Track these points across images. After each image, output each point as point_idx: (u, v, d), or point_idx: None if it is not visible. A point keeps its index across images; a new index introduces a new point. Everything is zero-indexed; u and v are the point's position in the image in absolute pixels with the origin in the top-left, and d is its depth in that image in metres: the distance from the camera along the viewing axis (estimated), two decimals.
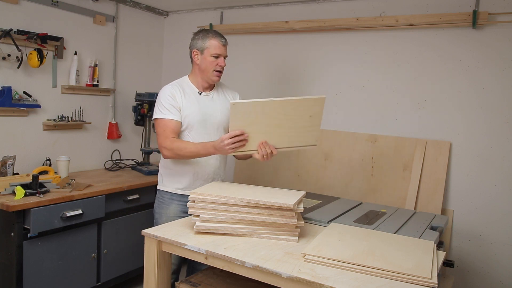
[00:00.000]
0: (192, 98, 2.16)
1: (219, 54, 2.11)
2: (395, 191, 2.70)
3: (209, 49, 2.11)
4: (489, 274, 2.54)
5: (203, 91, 2.20)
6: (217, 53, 2.10)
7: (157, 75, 3.84)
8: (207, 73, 2.14)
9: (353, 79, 2.95)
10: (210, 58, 2.11)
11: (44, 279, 2.34)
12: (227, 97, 2.28)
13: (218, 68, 2.12)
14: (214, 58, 2.11)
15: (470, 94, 2.57)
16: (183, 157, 2.06)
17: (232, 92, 2.33)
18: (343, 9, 2.94)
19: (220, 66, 2.13)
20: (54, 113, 2.96)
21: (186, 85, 2.19)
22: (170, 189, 2.21)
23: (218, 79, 2.17)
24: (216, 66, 2.12)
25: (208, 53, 2.11)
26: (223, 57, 2.13)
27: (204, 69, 2.14)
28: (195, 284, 1.69)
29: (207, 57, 2.11)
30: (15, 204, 2.16)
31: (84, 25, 3.13)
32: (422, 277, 1.29)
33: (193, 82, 2.20)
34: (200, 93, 2.19)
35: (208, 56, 2.11)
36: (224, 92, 2.29)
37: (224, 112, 2.21)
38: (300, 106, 1.86)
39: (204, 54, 2.12)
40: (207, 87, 2.22)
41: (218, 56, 2.11)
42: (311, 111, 1.86)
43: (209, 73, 2.13)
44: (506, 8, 2.43)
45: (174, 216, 2.17)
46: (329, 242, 1.55)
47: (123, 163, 3.38)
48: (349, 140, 2.92)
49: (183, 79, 2.23)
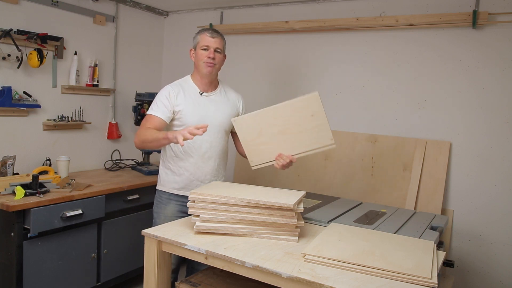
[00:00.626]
0: (192, 98, 2.16)
1: (208, 46, 2.12)
2: (395, 191, 2.70)
3: (199, 43, 2.14)
4: (489, 274, 2.54)
5: (204, 91, 2.20)
6: (205, 44, 2.12)
7: (157, 75, 3.84)
8: (199, 67, 2.15)
9: (353, 79, 2.94)
10: (200, 51, 2.13)
11: (44, 279, 2.34)
12: (229, 99, 2.27)
13: (206, 59, 2.11)
14: (203, 51, 2.13)
15: (470, 94, 2.57)
16: (147, 142, 2.03)
17: (236, 94, 2.32)
18: (343, 9, 2.94)
19: (208, 58, 2.11)
20: (54, 113, 2.96)
21: (187, 84, 2.19)
22: (167, 188, 2.22)
23: (209, 71, 2.14)
24: (205, 58, 2.12)
25: (199, 47, 2.14)
26: (212, 49, 2.12)
27: (197, 64, 2.16)
28: (195, 284, 1.69)
29: (198, 50, 2.14)
30: (15, 204, 2.16)
31: (84, 25, 3.13)
32: (422, 277, 1.29)
33: (195, 81, 2.21)
34: (201, 93, 2.19)
35: (199, 50, 2.14)
36: (227, 94, 2.28)
37: (225, 114, 2.21)
38: (295, 108, 1.86)
39: (196, 50, 2.16)
40: (208, 87, 2.21)
41: (207, 48, 2.12)
42: (310, 110, 1.85)
43: (200, 66, 2.14)
44: (506, 8, 2.43)
45: (172, 216, 2.17)
46: (329, 242, 1.55)
47: (123, 163, 3.38)
48: (349, 140, 2.92)
49: (185, 79, 2.24)
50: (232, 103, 2.27)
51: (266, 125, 1.90)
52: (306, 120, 1.86)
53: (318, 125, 1.86)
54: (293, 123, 1.88)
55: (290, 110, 1.87)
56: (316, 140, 1.89)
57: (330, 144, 1.88)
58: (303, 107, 1.86)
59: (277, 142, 1.92)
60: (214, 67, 2.15)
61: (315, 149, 1.90)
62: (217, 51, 2.14)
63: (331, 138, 1.87)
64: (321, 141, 1.88)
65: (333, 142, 1.87)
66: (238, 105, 2.30)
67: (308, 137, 1.89)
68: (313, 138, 1.89)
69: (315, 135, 1.88)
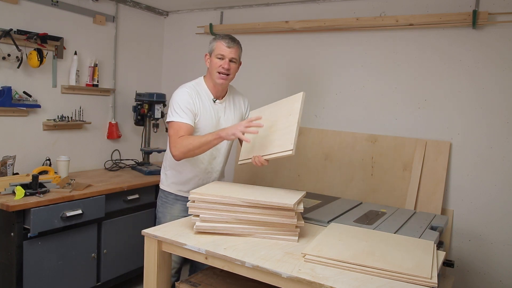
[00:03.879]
0: (208, 104, 2.12)
1: (223, 56, 2.05)
2: (395, 191, 2.70)
3: (214, 51, 2.09)
4: (489, 274, 2.54)
5: (217, 97, 2.16)
6: (221, 54, 2.06)
7: (157, 75, 3.83)
8: (213, 75, 2.10)
9: (353, 79, 2.95)
10: (215, 59, 2.08)
11: (44, 279, 2.34)
12: (236, 104, 2.26)
13: (220, 69, 2.06)
14: (218, 60, 2.07)
15: (470, 94, 2.57)
16: (193, 150, 1.93)
17: (241, 97, 2.31)
18: (343, 9, 2.94)
19: (222, 68, 2.05)
20: (54, 113, 2.96)
21: (201, 89, 2.14)
22: (174, 190, 2.23)
23: (222, 82, 2.09)
24: (219, 68, 2.06)
25: (214, 54, 2.08)
26: (227, 59, 2.06)
27: (211, 71, 2.11)
28: (195, 284, 1.69)
29: (213, 58, 2.09)
30: (15, 204, 2.16)
31: (84, 25, 3.13)
32: (422, 277, 1.29)
33: (208, 86, 2.16)
34: (214, 100, 2.15)
35: (214, 58, 2.08)
36: (234, 98, 2.26)
37: (234, 121, 2.20)
38: (281, 108, 1.84)
39: (212, 56, 2.11)
40: (220, 93, 2.18)
41: (222, 57, 2.06)
42: (291, 110, 1.79)
43: (213, 75, 2.09)
44: (506, 8, 2.43)
45: (179, 215, 2.17)
46: (329, 242, 1.55)
47: (123, 163, 3.38)
48: (349, 140, 2.92)
49: (198, 82, 2.18)
50: (238, 108, 2.26)
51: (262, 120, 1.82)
52: (283, 120, 1.80)
53: (288, 126, 1.75)
54: (274, 122, 1.84)
55: (278, 109, 1.86)
56: (281, 142, 1.73)
57: (288, 149, 1.67)
58: (288, 105, 1.83)
59: (260, 140, 1.86)
60: (228, 78, 2.10)
61: (275, 153, 1.73)
62: (233, 61, 2.08)
63: (292, 143, 1.66)
64: (284, 144, 1.70)
65: (291, 148, 1.65)
66: (243, 108, 2.30)
67: (275, 139, 1.78)
68: (279, 140, 1.76)
69: (282, 137, 1.74)
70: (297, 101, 1.79)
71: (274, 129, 1.83)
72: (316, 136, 3.04)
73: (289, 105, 1.85)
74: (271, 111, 1.96)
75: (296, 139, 1.67)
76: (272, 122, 1.87)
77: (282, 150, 1.70)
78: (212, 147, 1.96)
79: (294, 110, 1.77)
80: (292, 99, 1.86)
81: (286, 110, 1.84)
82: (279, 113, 1.88)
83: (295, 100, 1.82)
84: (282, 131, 1.77)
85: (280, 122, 1.82)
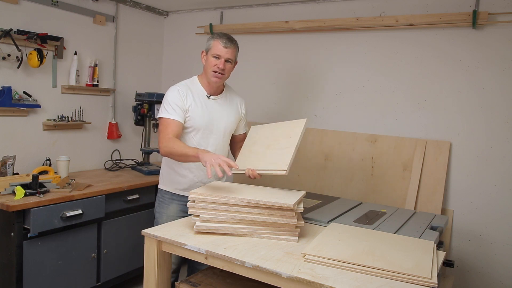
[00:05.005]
0: (200, 100, 2.14)
1: (219, 55, 2.06)
2: (395, 191, 2.70)
3: (211, 49, 2.09)
4: (489, 274, 2.54)
5: (211, 94, 2.17)
6: (217, 53, 2.06)
7: (157, 75, 3.84)
8: (207, 73, 2.12)
9: (353, 79, 2.95)
10: (211, 58, 2.08)
11: (44, 279, 2.34)
12: (233, 103, 2.26)
13: (215, 68, 2.06)
14: (214, 59, 2.07)
15: (470, 94, 2.57)
16: (174, 155, 1.97)
17: (239, 99, 2.31)
18: (343, 9, 2.94)
19: (218, 67, 2.06)
20: (54, 113, 2.96)
21: (195, 86, 2.16)
22: (171, 189, 2.22)
23: (216, 81, 2.11)
24: (214, 67, 2.07)
25: (210, 53, 2.09)
26: (223, 59, 2.06)
27: (205, 69, 2.13)
28: (195, 284, 1.69)
29: (209, 57, 2.09)
30: (15, 204, 2.16)
31: (84, 25, 3.13)
32: (422, 277, 1.29)
33: (202, 83, 2.17)
34: (208, 96, 2.16)
35: (210, 56, 2.09)
36: (231, 97, 2.27)
37: (230, 118, 2.21)
38: (284, 128, 1.92)
39: (208, 54, 2.11)
40: (215, 91, 2.19)
41: (218, 57, 2.06)
42: (291, 132, 1.87)
43: (208, 74, 2.10)
44: (506, 8, 2.43)
45: (174, 215, 2.17)
46: (329, 242, 1.55)
47: (123, 163, 3.38)
48: (349, 140, 2.92)
49: (192, 80, 2.20)
50: (235, 107, 2.26)
51: (262, 137, 2.01)
52: (282, 141, 1.87)
53: (286, 147, 1.82)
54: (273, 141, 1.93)
55: (279, 129, 1.95)
56: (276, 160, 1.81)
57: (282, 169, 1.75)
58: (290, 128, 1.91)
59: (255, 155, 1.97)
60: (222, 77, 2.11)
61: (269, 169, 1.81)
62: (228, 61, 2.09)
63: (287, 164, 1.75)
64: (279, 163, 1.78)
65: (285, 168, 1.74)
66: (240, 110, 2.30)
67: (272, 156, 1.86)
68: (275, 158, 1.83)
69: (278, 156, 1.82)
70: (299, 126, 1.85)
71: (273, 147, 1.91)
72: (316, 136, 3.04)
73: (290, 128, 1.91)
74: (272, 130, 2.04)
75: (292, 161, 1.76)
76: (271, 141, 1.95)
77: (276, 168, 1.78)
78: (189, 161, 2.00)
79: (295, 134, 1.84)
80: (294, 123, 1.92)
81: (287, 132, 1.90)
82: (279, 133, 1.95)
83: (297, 125, 1.88)
84: (279, 151, 1.85)
85: (279, 142, 1.89)
